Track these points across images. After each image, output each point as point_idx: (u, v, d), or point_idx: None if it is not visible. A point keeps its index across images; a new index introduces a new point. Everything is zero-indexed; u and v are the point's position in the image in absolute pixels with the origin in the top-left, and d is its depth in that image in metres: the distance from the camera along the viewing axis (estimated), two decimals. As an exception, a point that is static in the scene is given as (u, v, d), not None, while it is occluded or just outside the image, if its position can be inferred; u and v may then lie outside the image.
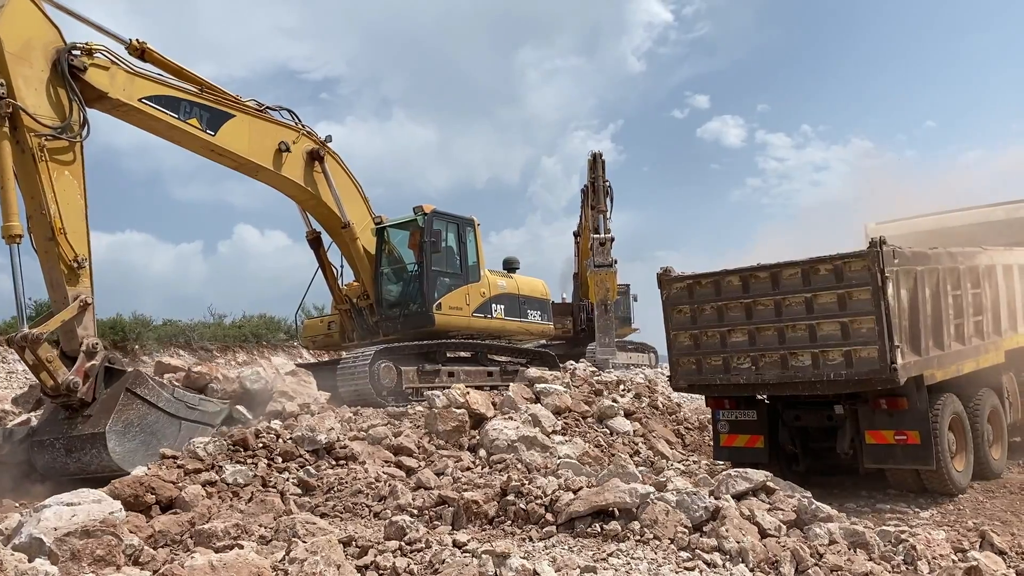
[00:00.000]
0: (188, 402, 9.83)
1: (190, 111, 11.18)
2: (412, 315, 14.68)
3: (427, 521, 6.94)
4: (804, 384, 8.77)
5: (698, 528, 6.09)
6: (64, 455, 8.98)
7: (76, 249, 9.24)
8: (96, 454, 8.84)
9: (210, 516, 7.16)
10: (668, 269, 9.80)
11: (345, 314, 15.07)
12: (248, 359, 26.81)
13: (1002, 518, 7.86)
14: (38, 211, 9.04)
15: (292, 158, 12.97)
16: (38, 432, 9.46)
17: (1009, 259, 11.07)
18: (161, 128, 11.01)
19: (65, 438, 9.00)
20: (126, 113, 10.50)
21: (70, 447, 8.95)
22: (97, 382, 9.23)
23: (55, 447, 9.05)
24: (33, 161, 8.96)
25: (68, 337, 9.19)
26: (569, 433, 11.22)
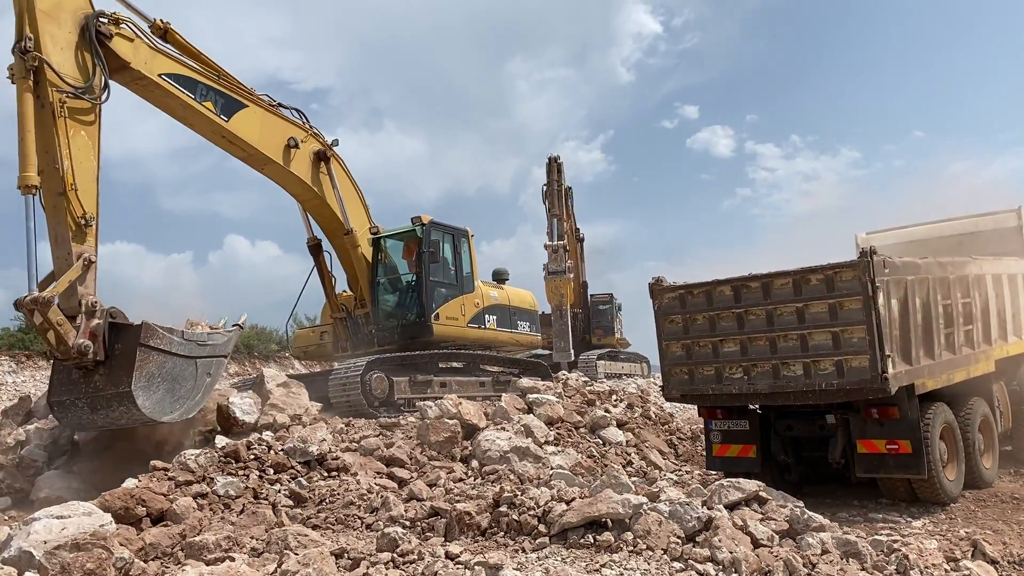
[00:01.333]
0: (198, 340, 9.86)
1: (206, 94, 11.37)
2: (410, 325, 14.77)
3: (419, 533, 6.92)
4: (796, 394, 8.78)
5: (691, 538, 6.09)
6: (89, 412, 9.01)
7: (85, 207, 9.27)
8: (125, 411, 8.91)
9: (201, 528, 7.12)
10: (660, 279, 9.81)
11: (340, 323, 15.01)
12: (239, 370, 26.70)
13: (994, 527, 7.87)
14: (51, 166, 9.06)
15: (300, 155, 13.11)
16: (54, 393, 9.38)
17: (998, 269, 11.13)
18: (176, 106, 11.13)
19: (87, 397, 9.00)
20: (144, 87, 10.64)
21: (95, 405, 8.98)
22: (105, 340, 9.17)
23: (78, 406, 9.04)
24: (52, 117, 9.06)
25: (67, 295, 9.07)
26: (562, 443, 11.20)
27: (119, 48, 10.01)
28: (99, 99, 9.66)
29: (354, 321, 14.89)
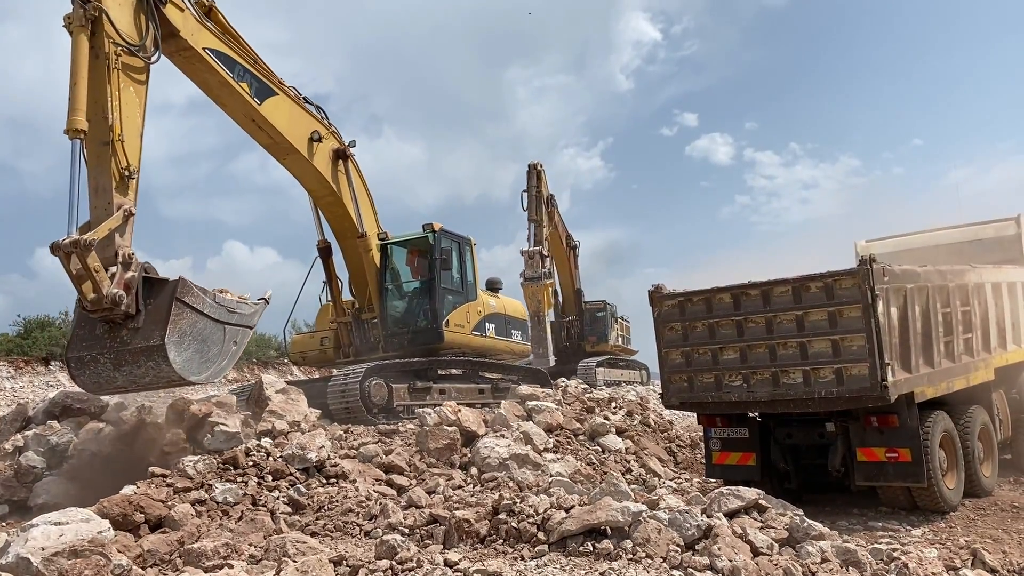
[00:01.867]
0: (228, 306, 9.72)
1: (242, 75, 11.49)
2: (422, 331, 14.85)
3: (418, 540, 6.90)
4: (795, 402, 8.78)
5: (690, 546, 6.08)
6: (112, 370, 8.76)
7: (129, 159, 9.28)
8: (154, 366, 8.69)
9: (199, 535, 7.11)
10: (660, 286, 9.82)
11: (344, 328, 14.92)
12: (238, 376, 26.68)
13: (994, 536, 7.86)
14: (99, 115, 9.08)
15: (321, 150, 13.25)
16: (74, 348, 9.14)
17: (998, 277, 11.14)
18: (214, 83, 11.22)
19: (112, 352, 8.77)
20: (187, 59, 10.73)
21: (119, 361, 8.74)
22: (138, 293, 8.99)
23: (99, 363, 8.79)
24: (106, 68, 9.14)
25: (104, 244, 8.92)
26: (561, 451, 11.18)
27: (171, 15, 10.15)
28: (151, 59, 9.80)
29: (361, 326, 14.87)
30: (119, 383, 8.91)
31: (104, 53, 9.12)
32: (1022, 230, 12.92)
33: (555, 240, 26.53)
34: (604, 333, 29.39)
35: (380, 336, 14.76)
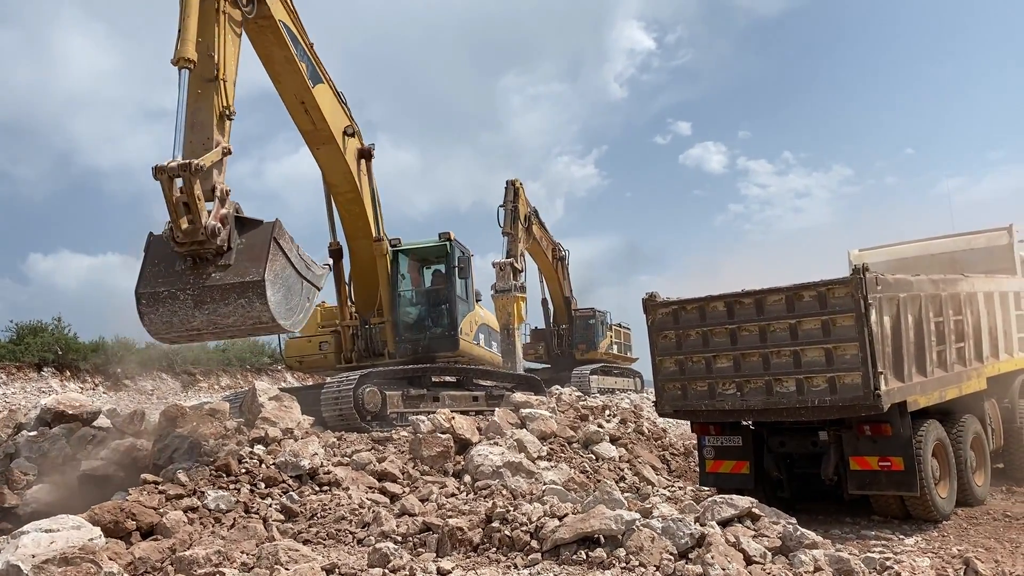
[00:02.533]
0: (307, 262, 9.61)
1: (302, 56, 11.66)
2: (438, 339, 15.10)
3: (411, 548, 6.89)
4: (789, 410, 8.80)
5: (684, 555, 6.08)
6: (191, 308, 8.37)
7: (229, 100, 9.38)
8: (245, 304, 8.36)
9: (191, 543, 7.08)
10: (654, 294, 9.83)
11: (348, 332, 14.84)
12: (232, 383, 26.63)
13: (986, 545, 7.87)
14: (205, 53, 9.18)
15: (351, 146, 13.45)
16: (147, 284, 8.62)
17: (990, 286, 11.18)
18: (279, 57, 11.36)
19: (196, 289, 8.41)
20: (261, 29, 10.86)
21: (203, 299, 8.38)
22: (231, 230, 8.83)
23: (178, 299, 8.37)
24: (214, 11, 9.35)
25: (203, 177, 8.78)
26: (555, 459, 11.18)
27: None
28: (250, 13, 10.05)
29: (368, 331, 14.87)
30: (195, 324, 8.45)
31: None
32: (1014, 240, 12.98)
33: (538, 253, 26.79)
34: (594, 341, 29.47)
35: (388, 342, 14.78)
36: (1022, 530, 8.54)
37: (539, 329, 29.84)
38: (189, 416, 10.82)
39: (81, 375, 23.40)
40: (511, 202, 24.46)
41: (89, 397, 18.43)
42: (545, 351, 29.43)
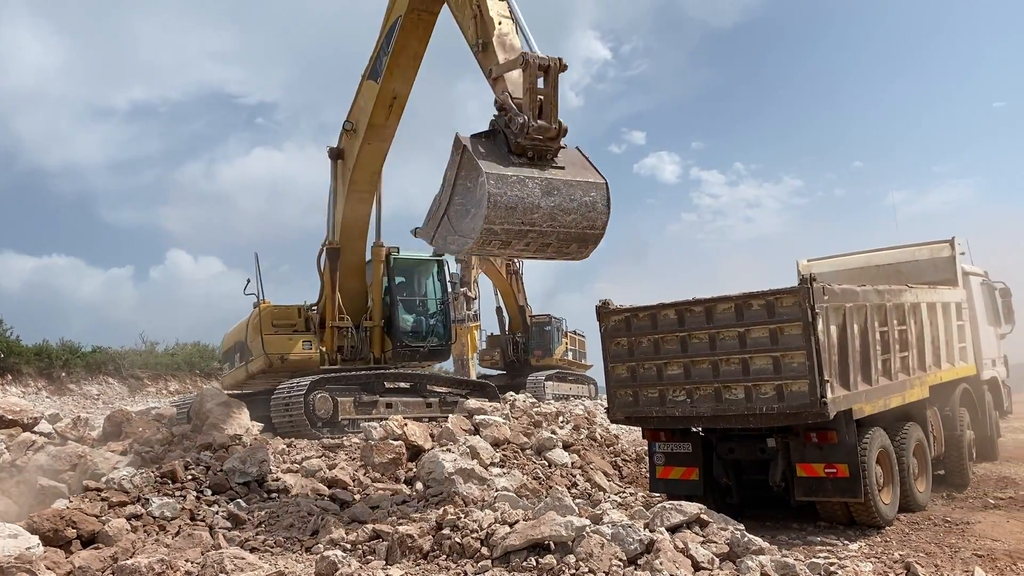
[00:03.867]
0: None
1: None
2: (435, 348, 15.72)
3: (360, 556, 6.82)
4: (737, 417, 8.89)
5: (633, 561, 6.11)
6: (539, 195, 8.06)
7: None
8: (587, 204, 8.23)
9: (134, 551, 6.93)
10: (607, 302, 9.89)
11: (336, 332, 14.64)
12: (180, 388, 26.16)
13: (927, 550, 8.05)
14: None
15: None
16: (488, 166, 8.11)
17: (933, 297, 11.45)
18: (420, 52, 11.73)
19: (544, 180, 8.14)
20: (422, 19, 11.16)
21: (549, 189, 8.12)
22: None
23: (527, 185, 8.04)
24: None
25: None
26: (507, 465, 11.18)
27: None
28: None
29: (360, 332, 14.75)
30: (536, 215, 8.06)
31: None
32: (956, 252, 13.32)
33: (491, 271, 26.97)
34: (550, 347, 29.55)
35: (375, 346, 14.87)
36: (961, 535, 8.74)
37: (494, 335, 29.87)
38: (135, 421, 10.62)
39: (23, 379, 22.80)
40: None
41: (31, 402, 17.94)
42: (500, 358, 29.47)
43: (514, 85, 8.47)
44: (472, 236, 8.03)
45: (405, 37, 11.48)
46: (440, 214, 8.52)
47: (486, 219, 7.74)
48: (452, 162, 8.43)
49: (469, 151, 8.19)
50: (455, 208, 8.38)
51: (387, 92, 12.22)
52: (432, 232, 8.68)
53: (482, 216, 7.77)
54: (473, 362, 23.64)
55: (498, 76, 8.66)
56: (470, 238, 8.06)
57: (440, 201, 8.58)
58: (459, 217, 8.31)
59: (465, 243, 8.21)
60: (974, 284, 13.85)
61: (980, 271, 14.65)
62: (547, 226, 8.15)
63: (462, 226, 8.24)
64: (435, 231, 8.62)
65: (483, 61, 8.99)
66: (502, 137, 8.31)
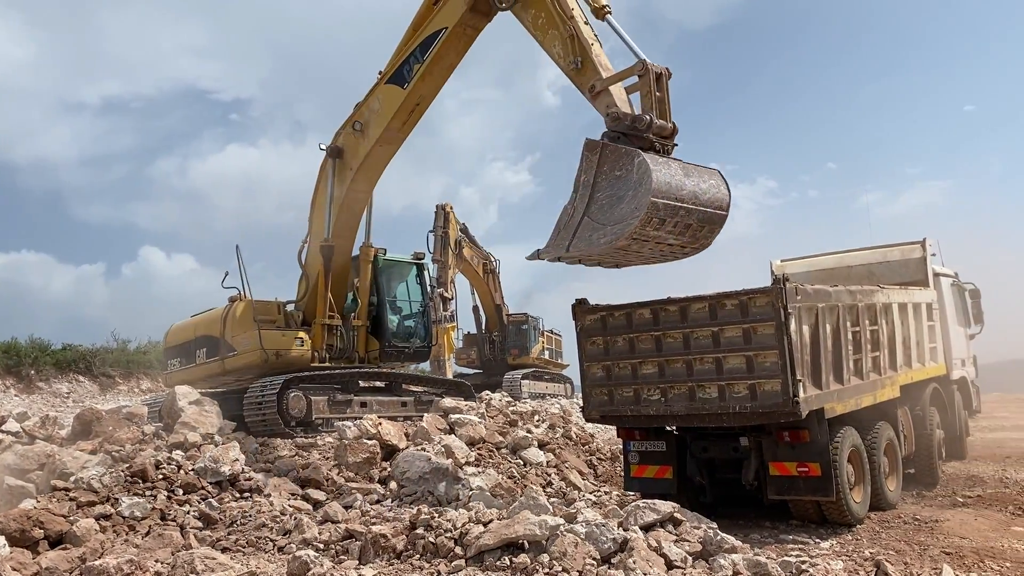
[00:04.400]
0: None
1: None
2: (419, 349, 16.16)
3: (333, 556, 6.79)
4: (710, 416, 8.94)
5: (606, 560, 6.12)
6: (682, 176, 8.69)
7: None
8: (715, 184, 8.88)
9: (103, 551, 6.84)
10: (582, 300, 9.90)
11: (329, 330, 14.48)
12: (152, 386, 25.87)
13: (896, 548, 8.13)
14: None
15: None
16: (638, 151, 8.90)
17: (904, 298, 11.57)
18: (460, 58, 12.13)
19: (681, 164, 8.84)
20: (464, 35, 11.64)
21: (687, 171, 8.78)
22: None
23: (671, 167, 8.69)
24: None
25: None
26: (482, 464, 11.16)
27: None
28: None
29: (349, 330, 14.72)
30: (683, 193, 8.62)
31: None
32: (927, 253, 13.48)
33: (468, 270, 26.96)
34: (526, 346, 29.60)
35: (360, 345, 14.89)
36: (930, 533, 8.84)
37: (471, 334, 29.86)
38: (105, 420, 10.48)
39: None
40: (441, 227, 24.47)
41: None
42: (477, 356, 29.46)
43: (619, 100, 9.23)
44: (632, 217, 8.39)
45: (446, 49, 11.77)
46: (577, 219, 8.91)
47: (652, 193, 8.17)
48: (587, 165, 8.98)
49: (610, 144, 8.90)
50: (599, 204, 8.82)
51: (413, 99, 12.42)
52: (566, 241, 8.94)
53: (646, 191, 8.23)
54: (450, 363, 23.65)
55: (602, 90, 9.31)
56: (627, 222, 8.41)
57: (574, 207, 9.01)
58: (608, 208, 8.73)
59: (621, 230, 8.47)
60: (944, 285, 14.03)
61: (950, 272, 14.85)
62: (692, 204, 8.66)
63: (613, 215, 8.63)
64: (571, 239, 8.90)
65: (580, 78, 9.64)
66: (623, 140, 8.91)
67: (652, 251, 9.03)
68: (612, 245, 8.60)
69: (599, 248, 8.72)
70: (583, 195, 9.00)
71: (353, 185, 13.61)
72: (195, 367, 14.54)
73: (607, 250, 8.73)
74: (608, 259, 9.16)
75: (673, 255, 9.16)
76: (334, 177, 13.73)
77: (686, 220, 8.58)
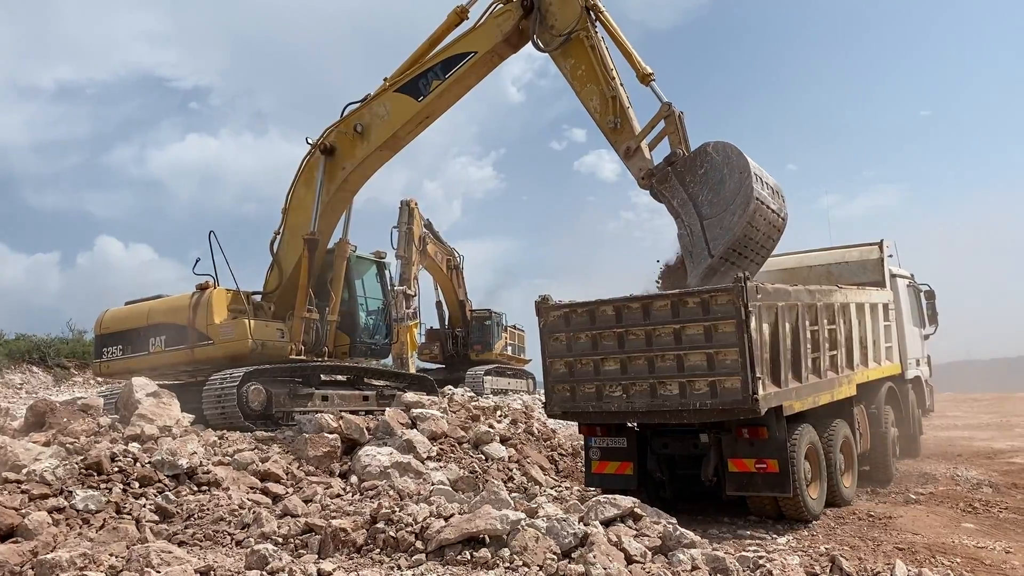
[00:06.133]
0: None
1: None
2: (383, 346, 16.81)
3: (292, 550, 6.73)
4: (671, 413, 9.02)
5: (567, 554, 6.15)
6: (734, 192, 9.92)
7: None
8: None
9: (56, 545, 6.70)
10: (546, 297, 9.92)
11: (308, 324, 14.29)
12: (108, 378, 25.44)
13: (851, 543, 8.28)
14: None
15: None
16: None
17: (861, 298, 11.77)
18: (476, 82, 12.75)
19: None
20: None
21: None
22: None
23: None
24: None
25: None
26: (444, 459, 11.14)
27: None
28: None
29: (323, 324, 14.68)
30: (734, 222, 9.84)
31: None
32: (884, 255, 13.74)
33: (432, 267, 26.84)
34: (489, 342, 29.58)
35: (329, 340, 14.88)
36: (884, 529, 9.03)
37: (434, 330, 29.74)
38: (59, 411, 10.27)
39: (-59, 368, 21.93)
40: (405, 224, 24.31)
41: (-52, 391, 17.27)
42: (440, 352, 29.36)
43: (648, 155, 10.80)
44: (744, 181, 9.68)
45: (471, 71, 12.17)
46: (699, 230, 10.09)
47: (741, 153, 9.76)
48: (672, 193, 10.39)
49: (677, 161, 10.35)
50: (707, 203, 10.06)
51: (425, 112, 12.76)
52: (704, 251, 10.07)
53: (737, 155, 9.78)
54: (412, 360, 23.53)
55: (637, 149, 10.72)
56: (744, 185, 9.68)
57: (689, 228, 10.22)
58: (717, 197, 9.95)
59: (744, 197, 9.74)
60: (901, 286, 14.31)
61: (906, 273, 15.14)
62: (742, 214, 9.83)
63: (725, 196, 9.86)
64: (706, 248, 10.03)
65: (617, 136, 10.86)
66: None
67: (768, 224, 10.08)
68: (747, 213, 9.65)
69: (739, 226, 9.72)
70: (688, 212, 10.13)
71: (345, 184, 13.70)
72: (147, 356, 14.03)
73: (745, 222, 9.72)
74: (754, 236, 10.00)
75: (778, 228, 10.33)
76: (324, 174, 13.65)
77: (768, 182, 9.93)
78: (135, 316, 14.48)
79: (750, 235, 9.96)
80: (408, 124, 12.83)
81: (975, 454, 15.65)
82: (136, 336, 14.26)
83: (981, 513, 10.07)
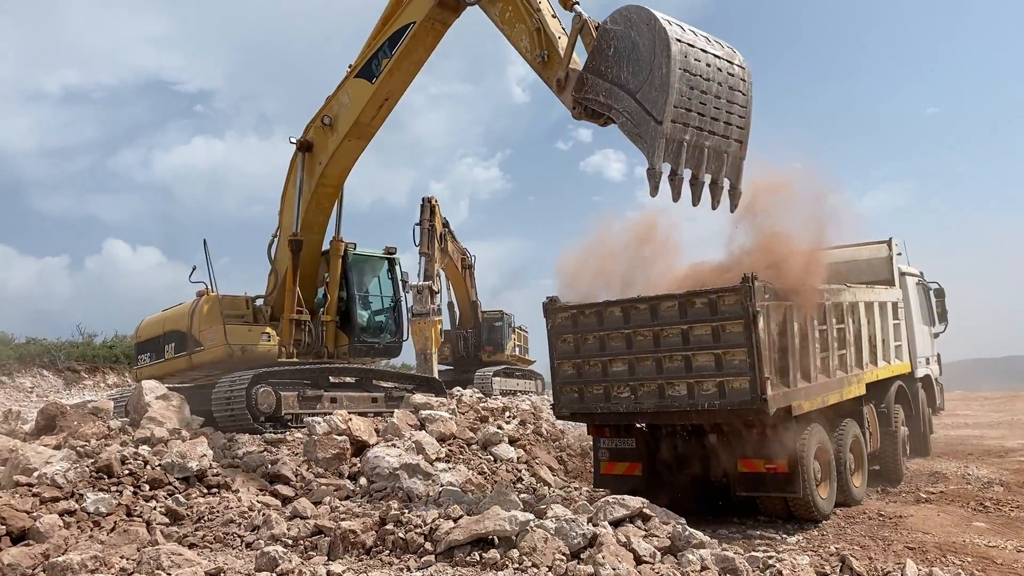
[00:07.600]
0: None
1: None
2: (390, 345, 16.19)
3: (302, 552, 6.75)
4: (680, 413, 9.00)
5: (576, 555, 6.15)
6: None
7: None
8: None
9: (67, 548, 6.74)
10: (554, 298, 9.92)
11: (294, 324, 14.27)
12: (119, 381, 25.55)
13: (861, 543, 8.26)
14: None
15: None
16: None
17: (871, 297, 11.73)
18: (429, 55, 12.13)
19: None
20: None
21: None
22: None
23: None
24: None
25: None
26: (453, 460, 11.16)
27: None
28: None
29: (318, 325, 14.63)
30: (664, 74, 7.89)
31: None
32: (893, 253, 13.68)
33: (450, 266, 26.89)
34: (501, 343, 29.55)
35: (328, 341, 14.78)
36: (894, 528, 9.00)
37: (445, 331, 29.71)
38: (70, 415, 10.33)
39: (-48, 371, 22.05)
40: (427, 220, 24.29)
41: (-40, 395, 17.38)
42: (450, 353, 29.33)
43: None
44: (666, 57, 7.87)
45: (413, 44, 11.73)
46: (637, 108, 8.22)
47: (664, 23, 7.89)
48: (596, 90, 8.61)
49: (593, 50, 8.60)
50: (633, 85, 8.25)
51: (381, 93, 12.41)
52: (653, 129, 8.08)
53: (659, 28, 7.89)
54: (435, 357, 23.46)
55: (568, 81, 9.02)
56: (667, 63, 7.87)
57: (628, 112, 8.33)
58: (645, 78, 8.12)
59: (669, 72, 7.89)
60: (910, 284, 14.25)
61: (916, 271, 15.08)
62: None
63: (654, 79, 8.02)
64: (652, 119, 8.09)
65: (547, 71, 9.43)
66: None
67: (717, 71, 8.36)
68: (672, 58, 7.88)
69: (674, 75, 7.89)
70: (616, 96, 8.47)
71: (322, 180, 13.55)
72: (164, 362, 14.44)
73: (677, 69, 7.92)
74: (705, 89, 8.19)
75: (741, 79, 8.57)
76: (303, 171, 13.64)
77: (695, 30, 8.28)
78: (156, 324, 15.07)
79: (696, 86, 8.19)
80: (368, 109, 12.57)
81: (986, 453, 15.57)
82: (158, 344, 14.83)
83: (992, 512, 10.02)
